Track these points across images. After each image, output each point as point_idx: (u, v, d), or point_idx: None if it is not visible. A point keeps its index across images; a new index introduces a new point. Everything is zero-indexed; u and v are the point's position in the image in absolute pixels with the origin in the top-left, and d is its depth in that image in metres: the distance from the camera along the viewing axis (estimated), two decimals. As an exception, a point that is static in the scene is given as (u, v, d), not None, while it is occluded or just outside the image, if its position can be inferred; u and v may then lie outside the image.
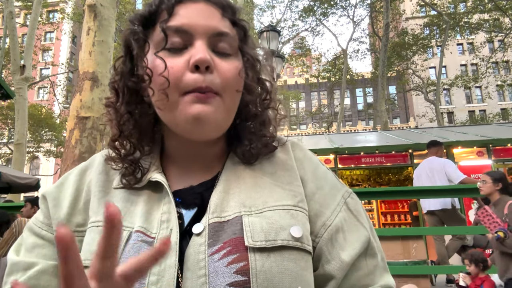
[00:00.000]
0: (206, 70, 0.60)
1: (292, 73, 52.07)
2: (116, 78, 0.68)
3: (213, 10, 0.64)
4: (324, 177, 0.70)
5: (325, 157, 9.08)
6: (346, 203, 0.68)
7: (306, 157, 0.72)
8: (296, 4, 39.06)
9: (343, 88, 23.83)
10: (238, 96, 0.65)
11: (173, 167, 0.70)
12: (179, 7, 0.63)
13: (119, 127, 0.67)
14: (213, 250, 0.57)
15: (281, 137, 0.74)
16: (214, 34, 0.62)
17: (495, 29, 24.08)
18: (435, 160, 5.20)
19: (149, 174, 0.66)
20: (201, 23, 0.62)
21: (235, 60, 0.64)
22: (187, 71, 0.60)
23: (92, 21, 4.42)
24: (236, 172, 0.67)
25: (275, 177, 0.67)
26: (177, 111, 0.60)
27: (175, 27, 0.61)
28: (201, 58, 0.59)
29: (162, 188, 0.64)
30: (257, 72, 0.69)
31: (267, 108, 0.70)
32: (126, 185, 0.66)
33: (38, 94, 36.83)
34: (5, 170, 7.54)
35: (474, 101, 38.46)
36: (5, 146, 23.66)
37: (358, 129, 37.24)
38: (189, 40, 0.61)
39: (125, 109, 0.67)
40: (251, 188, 0.64)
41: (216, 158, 0.70)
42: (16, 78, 11.17)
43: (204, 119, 0.60)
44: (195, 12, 0.63)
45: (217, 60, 0.62)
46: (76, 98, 4.27)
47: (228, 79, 0.62)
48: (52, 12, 28.97)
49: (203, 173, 0.68)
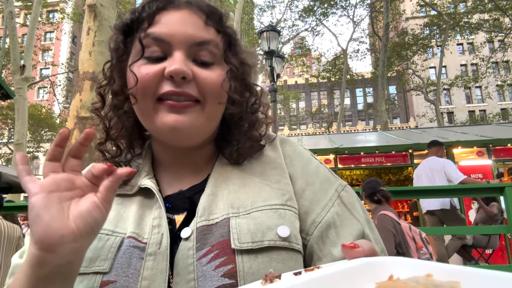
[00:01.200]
0: (183, 81, 0.60)
1: (292, 73, 52.05)
2: (103, 83, 0.69)
3: (196, 18, 0.63)
4: (315, 172, 0.69)
5: (325, 157, 9.08)
6: (340, 197, 0.66)
7: (296, 152, 0.71)
8: (296, 4, 39.05)
9: (343, 88, 23.83)
10: (219, 103, 0.64)
11: (164, 172, 0.70)
12: (161, 14, 0.63)
13: (106, 130, 0.68)
14: (201, 254, 0.57)
15: (270, 134, 0.73)
16: (195, 44, 0.62)
17: (495, 29, 24.07)
18: (435, 160, 5.20)
19: (140, 180, 0.67)
20: (180, 32, 0.61)
21: (217, 68, 0.64)
22: (163, 79, 0.60)
23: (92, 21, 4.42)
24: (224, 173, 0.67)
25: (264, 176, 0.66)
26: (155, 119, 0.61)
27: (154, 36, 0.61)
28: (175, 69, 0.59)
29: (153, 194, 0.65)
30: (245, 78, 0.69)
31: (255, 112, 0.70)
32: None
33: (38, 94, 36.84)
34: (5, 170, 7.54)
35: (474, 101, 38.46)
36: (5, 146, 23.66)
37: (358, 129, 37.25)
38: (168, 49, 0.61)
39: (112, 114, 0.68)
40: (239, 188, 0.64)
41: (205, 161, 0.70)
42: (16, 78, 11.17)
43: (180, 129, 0.60)
44: (176, 20, 0.62)
45: (196, 70, 0.62)
46: (76, 98, 4.27)
47: (208, 88, 0.61)
48: (52, 12, 28.96)
49: (192, 177, 0.68)
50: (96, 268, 0.58)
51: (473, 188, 3.95)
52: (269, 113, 0.72)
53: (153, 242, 0.59)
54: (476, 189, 3.90)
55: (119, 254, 0.59)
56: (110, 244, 0.60)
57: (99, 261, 0.59)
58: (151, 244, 0.59)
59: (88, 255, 0.59)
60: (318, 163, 0.71)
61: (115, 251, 0.59)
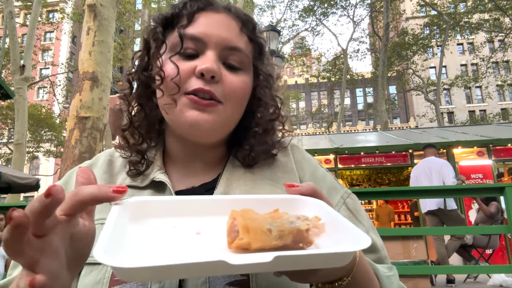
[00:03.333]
0: (212, 80, 0.61)
1: (292, 73, 52.05)
2: (132, 71, 0.70)
3: (233, 23, 0.66)
4: (322, 178, 0.71)
5: (325, 157, 9.07)
6: (346, 203, 0.68)
7: (305, 159, 0.74)
8: (296, 4, 39.02)
9: (343, 88, 23.81)
10: (241, 108, 0.66)
11: (175, 168, 0.71)
12: (200, 14, 0.65)
13: (130, 117, 0.70)
14: None
15: (282, 141, 0.75)
16: (227, 48, 0.64)
17: (495, 29, 24.07)
18: (434, 160, 5.22)
19: (152, 173, 0.68)
20: (216, 34, 0.63)
21: (244, 75, 0.66)
22: (193, 76, 0.62)
23: (92, 21, 4.42)
24: (236, 174, 0.68)
25: (275, 179, 0.68)
26: (177, 112, 0.62)
27: (191, 35, 0.63)
28: (207, 68, 0.60)
29: (165, 188, 0.65)
30: (270, 88, 0.71)
31: (273, 121, 0.72)
32: (130, 176, 0.68)
33: (38, 94, 36.82)
34: (5, 170, 7.53)
35: (474, 101, 38.45)
36: (5, 146, 23.65)
37: (358, 129, 37.23)
38: (202, 48, 0.63)
39: (137, 101, 0.70)
40: (251, 189, 0.65)
41: (216, 161, 0.71)
42: (16, 78, 11.16)
43: (200, 126, 0.62)
44: (213, 22, 0.65)
45: (225, 72, 0.64)
46: (76, 98, 4.26)
47: (232, 91, 0.63)
48: (52, 12, 28.94)
49: (203, 175, 0.69)
50: None
51: (473, 188, 3.95)
52: (287, 125, 0.75)
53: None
54: (476, 189, 3.90)
55: None
56: None
57: None
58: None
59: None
60: (324, 170, 0.74)
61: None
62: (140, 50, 0.70)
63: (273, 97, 0.72)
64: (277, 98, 0.73)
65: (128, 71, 0.71)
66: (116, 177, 0.70)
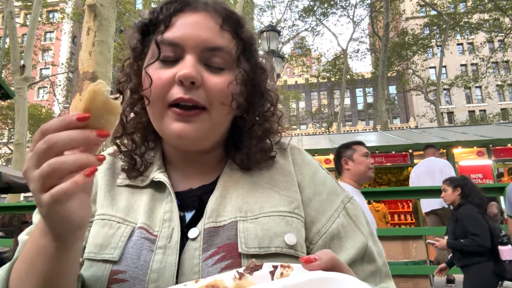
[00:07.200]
0: (192, 86, 0.60)
1: (292, 73, 52.04)
2: (122, 79, 0.69)
3: (211, 22, 0.63)
4: (323, 182, 0.69)
5: (325, 157, 9.07)
6: (346, 208, 0.67)
7: (305, 161, 0.72)
8: (296, 4, 39.04)
9: (343, 88, 23.82)
10: (228, 108, 0.64)
11: (173, 169, 0.71)
12: (177, 17, 0.63)
13: (123, 125, 0.69)
14: (207, 255, 0.57)
15: (282, 142, 0.73)
16: (207, 49, 0.62)
17: (495, 29, 24.07)
18: (436, 160, 5.21)
19: (152, 173, 0.68)
20: (194, 36, 0.62)
21: (228, 74, 0.64)
22: (174, 84, 0.61)
23: (92, 21, 4.42)
24: (234, 177, 0.67)
25: (273, 182, 0.67)
26: (163, 124, 0.62)
27: (168, 40, 0.62)
28: (185, 74, 0.59)
29: (164, 188, 0.65)
30: (258, 83, 0.68)
31: (268, 119, 0.70)
32: (130, 178, 0.68)
33: (38, 94, 36.83)
34: (5, 170, 7.53)
35: (474, 101, 38.45)
36: (5, 146, 23.66)
37: (358, 129, 37.23)
38: (180, 53, 0.62)
39: (129, 109, 0.69)
40: (248, 193, 0.64)
41: (214, 164, 0.71)
42: (16, 78, 11.16)
43: (188, 137, 0.61)
44: (190, 23, 0.62)
45: (206, 75, 0.62)
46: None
47: (215, 94, 0.62)
48: (52, 12, 28.93)
49: (201, 177, 0.69)
50: (105, 255, 0.59)
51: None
52: (283, 122, 0.72)
53: (164, 235, 0.60)
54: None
55: (129, 244, 0.60)
56: (121, 233, 0.61)
57: (109, 249, 0.60)
58: (161, 237, 0.60)
59: (98, 242, 0.61)
60: (325, 173, 0.72)
61: (125, 240, 0.60)
62: (129, 57, 0.68)
63: (267, 91, 0.70)
64: (271, 93, 0.71)
65: (117, 80, 0.70)
66: (118, 175, 0.70)
